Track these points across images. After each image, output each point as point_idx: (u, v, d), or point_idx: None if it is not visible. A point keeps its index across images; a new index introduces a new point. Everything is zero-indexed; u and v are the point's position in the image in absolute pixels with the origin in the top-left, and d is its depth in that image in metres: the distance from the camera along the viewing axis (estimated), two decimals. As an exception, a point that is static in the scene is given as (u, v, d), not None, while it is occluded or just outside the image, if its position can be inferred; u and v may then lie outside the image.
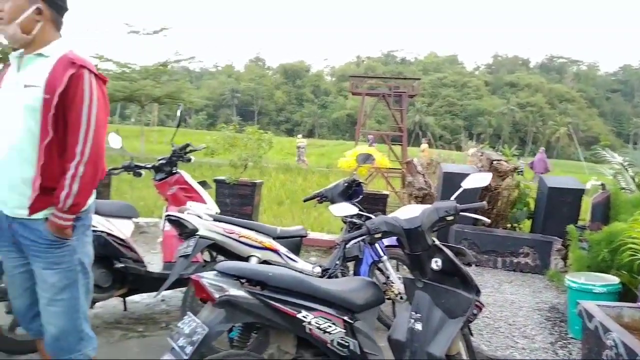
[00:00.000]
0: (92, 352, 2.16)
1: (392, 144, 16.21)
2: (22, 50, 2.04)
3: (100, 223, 3.29)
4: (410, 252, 2.15)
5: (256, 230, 3.39)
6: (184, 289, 3.46)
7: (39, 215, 1.99)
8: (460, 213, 2.13)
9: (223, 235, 3.19)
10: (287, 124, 74.66)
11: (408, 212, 2.21)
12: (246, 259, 3.23)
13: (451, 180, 5.87)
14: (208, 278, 1.91)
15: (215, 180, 6.47)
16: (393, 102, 16.46)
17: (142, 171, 4.06)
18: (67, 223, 1.98)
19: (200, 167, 13.40)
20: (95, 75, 2.01)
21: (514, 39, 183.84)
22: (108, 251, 3.32)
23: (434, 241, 2.14)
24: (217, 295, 1.85)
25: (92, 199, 2.12)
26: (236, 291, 1.89)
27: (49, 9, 2.01)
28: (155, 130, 35.91)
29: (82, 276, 2.10)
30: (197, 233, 3.08)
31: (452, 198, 2.22)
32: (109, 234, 3.35)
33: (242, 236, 3.25)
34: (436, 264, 2.10)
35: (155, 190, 4.14)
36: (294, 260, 3.42)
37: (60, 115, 1.93)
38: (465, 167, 6.61)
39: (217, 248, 3.34)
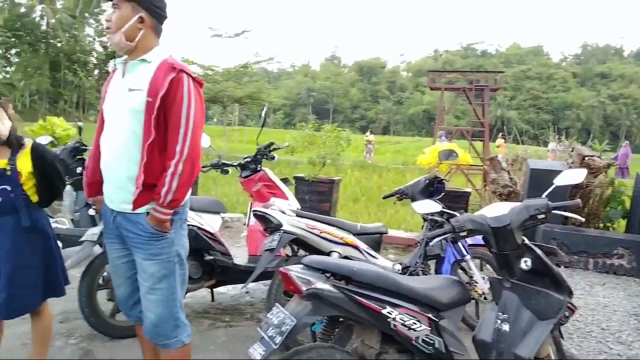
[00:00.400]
0: (186, 339, 2.26)
1: (472, 140, 15.65)
2: (126, 56, 2.17)
3: (192, 217, 3.43)
4: (497, 251, 2.09)
5: (337, 226, 3.44)
6: (267, 281, 3.58)
7: (141, 209, 2.10)
8: (552, 211, 2.05)
9: (306, 230, 3.26)
10: (361, 121, 74.34)
11: (495, 210, 2.14)
12: (327, 254, 3.28)
13: (539, 177, 5.63)
14: (295, 271, 1.96)
15: (295, 178, 6.62)
16: (474, 96, 15.85)
17: (229, 169, 4.24)
18: (167, 217, 2.08)
19: (279, 164, 13.69)
20: (193, 78, 2.10)
21: (605, 26, 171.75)
22: (199, 244, 3.46)
23: (523, 240, 2.07)
24: (304, 288, 1.89)
25: (188, 195, 2.23)
26: (322, 284, 1.93)
27: (151, 17, 2.12)
28: (236, 129, 37.07)
29: (178, 267, 2.20)
30: (282, 228, 3.18)
31: (544, 195, 2.13)
32: (199, 228, 3.50)
33: (323, 232, 3.31)
34: (525, 263, 2.04)
35: (239, 186, 4.30)
36: (374, 257, 3.44)
37: (162, 116, 2.04)
38: (554, 164, 6.31)
39: (299, 243, 3.42)
